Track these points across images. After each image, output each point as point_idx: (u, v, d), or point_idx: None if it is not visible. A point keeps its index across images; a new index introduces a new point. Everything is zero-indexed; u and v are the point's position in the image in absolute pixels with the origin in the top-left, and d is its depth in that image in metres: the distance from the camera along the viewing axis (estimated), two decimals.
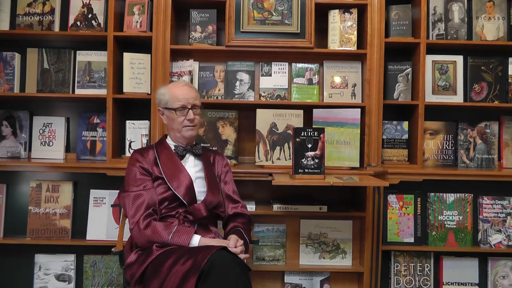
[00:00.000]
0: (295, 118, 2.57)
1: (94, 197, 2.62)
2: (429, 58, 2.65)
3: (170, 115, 2.00)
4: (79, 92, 2.63)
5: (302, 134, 2.17)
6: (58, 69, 2.65)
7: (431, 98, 2.65)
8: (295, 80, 2.67)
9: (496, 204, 2.66)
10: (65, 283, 2.62)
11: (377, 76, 2.52)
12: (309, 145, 2.17)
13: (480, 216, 2.67)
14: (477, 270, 2.67)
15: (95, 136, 2.67)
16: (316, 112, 2.57)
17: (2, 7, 2.63)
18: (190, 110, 1.98)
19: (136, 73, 2.55)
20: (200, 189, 1.99)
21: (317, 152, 2.18)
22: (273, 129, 2.56)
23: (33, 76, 2.65)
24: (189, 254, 1.67)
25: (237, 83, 2.64)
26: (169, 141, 2.07)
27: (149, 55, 2.54)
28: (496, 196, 2.66)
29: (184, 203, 1.92)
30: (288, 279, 2.56)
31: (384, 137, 2.64)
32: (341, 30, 2.58)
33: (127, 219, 1.92)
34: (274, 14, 2.56)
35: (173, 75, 2.59)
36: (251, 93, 2.65)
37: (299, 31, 2.54)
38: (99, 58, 2.63)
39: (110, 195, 2.61)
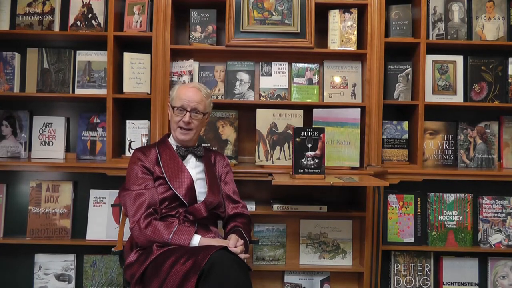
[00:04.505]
0: (295, 118, 2.57)
1: (94, 197, 2.62)
2: (429, 58, 2.65)
3: (171, 113, 2.01)
4: (79, 92, 2.63)
5: (302, 134, 2.17)
6: (58, 69, 2.65)
7: (431, 98, 2.65)
8: (295, 80, 2.67)
9: (496, 204, 2.66)
10: (65, 283, 2.62)
11: (377, 76, 2.52)
12: (309, 145, 2.17)
13: (480, 216, 2.67)
14: (477, 270, 2.67)
15: (95, 136, 2.67)
16: (316, 112, 2.57)
17: (2, 7, 2.63)
18: (188, 113, 1.96)
19: (136, 73, 2.55)
20: (201, 190, 1.99)
21: (317, 152, 2.18)
22: (273, 129, 2.56)
23: (33, 76, 2.65)
24: (189, 254, 1.67)
25: (237, 83, 2.64)
26: (171, 140, 2.07)
27: (149, 55, 2.54)
28: (496, 196, 2.66)
29: (184, 203, 1.92)
30: (288, 279, 2.56)
31: (384, 137, 2.64)
32: (341, 30, 2.58)
33: (127, 219, 1.92)
34: (274, 14, 2.56)
35: (173, 75, 2.59)
36: (251, 93, 2.65)
37: (299, 31, 2.54)
38: (99, 58, 2.63)
39: (110, 195, 2.61)
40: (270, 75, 2.68)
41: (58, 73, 2.65)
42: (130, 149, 2.57)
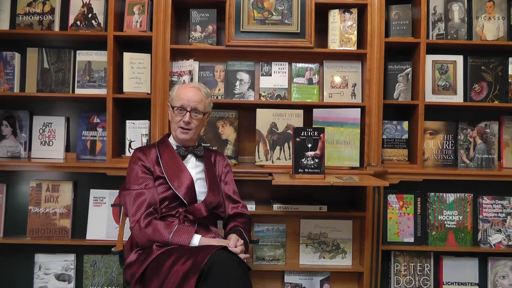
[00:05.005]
0: (295, 118, 2.57)
1: (94, 197, 2.62)
2: (429, 58, 2.65)
3: (171, 113, 2.01)
4: (79, 92, 2.63)
5: (302, 134, 2.17)
6: (58, 68, 2.65)
7: (431, 98, 2.65)
8: (295, 80, 2.67)
9: (496, 204, 2.66)
10: (65, 283, 2.62)
11: (377, 76, 2.52)
12: (309, 145, 2.17)
13: (480, 216, 2.67)
14: (477, 270, 2.67)
15: (95, 136, 2.67)
16: (316, 112, 2.57)
17: (2, 7, 2.63)
18: (188, 113, 1.96)
19: (136, 73, 2.55)
20: (201, 190, 1.99)
21: (317, 152, 2.18)
22: (273, 129, 2.56)
23: (33, 76, 2.65)
24: (189, 253, 1.67)
25: (237, 83, 2.64)
26: (171, 140, 2.07)
27: (149, 55, 2.54)
28: (496, 196, 2.66)
29: (184, 203, 1.92)
30: (288, 279, 2.56)
31: (384, 137, 2.64)
32: (341, 30, 2.58)
33: (127, 219, 1.92)
34: (274, 14, 2.56)
35: (173, 75, 2.59)
36: (251, 93, 2.65)
37: (299, 31, 2.54)
38: (99, 58, 2.63)
39: (110, 195, 2.61)
40: (270, 75, 2.68)
41: (58, 73, 2.65)
42: (130, 149, 2.57)
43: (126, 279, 1.90)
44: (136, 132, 2.58)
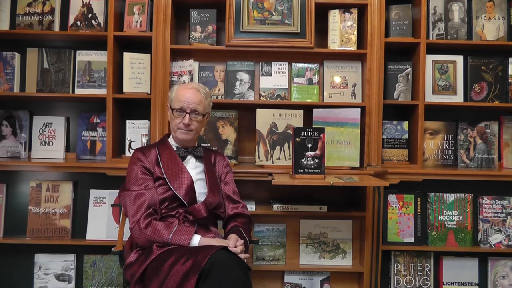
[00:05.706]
0: (295, 118, 2.57)
1: (94, 197, 2.62)
2: (429, 58, 2.65)
3: (170, 115, 2.01)
4: (79, 92, 2.63)
5: (302, 134, 2.17)
6: (58, 69, 2.65)
7: (431, 98, 2.65)
8: (295, 80, 2.67)
9: (496, 204, 2.66)
10: (65, 283, 2.62)
11: (377, 76, 2.52)
12: (309, 145, 2.17)
13: (480, 216, 2.67)
14: (477, 270, 2.67)
15: (95, 136, 2.67)
16: (316, 112, 2.57)
17: (2, 7, 2.63)
18: (188, 115, 1.95)
19: (136, 73, 2.55)
20: (201, 190, 1.99)
21: (317, 152, 2.18)
22: (273, 129, 2.56)
23: (33, 76, 2.65)
24: (189, 254, 1.67)
25: (237, 83, 2.64)
26: (171, 141, 2.07)
27: (149, 55, 2.54)
28: (496, 196, 2.66)
29: (184, 203, 1.92)
30: (288, 279, 2.56)
31: (384, 137, 2.64)
32: (341, 30, 2.58)
33: (127, 219, 1.92)
34: (274, 14, 2.56)
35: (173, 75, 2.59)
36: (251, 93, 2.65)
37: (299, 31, 2.54)
38: (99, 58, 2.63)
39: (110, 195, 2.61)
40: (270, 75, 2.68)
41: (58, 73, 2.65)
42: (130, 149, 2.57)
43: (126, 279, 1.90)
44: (136, 132, 2.58)
